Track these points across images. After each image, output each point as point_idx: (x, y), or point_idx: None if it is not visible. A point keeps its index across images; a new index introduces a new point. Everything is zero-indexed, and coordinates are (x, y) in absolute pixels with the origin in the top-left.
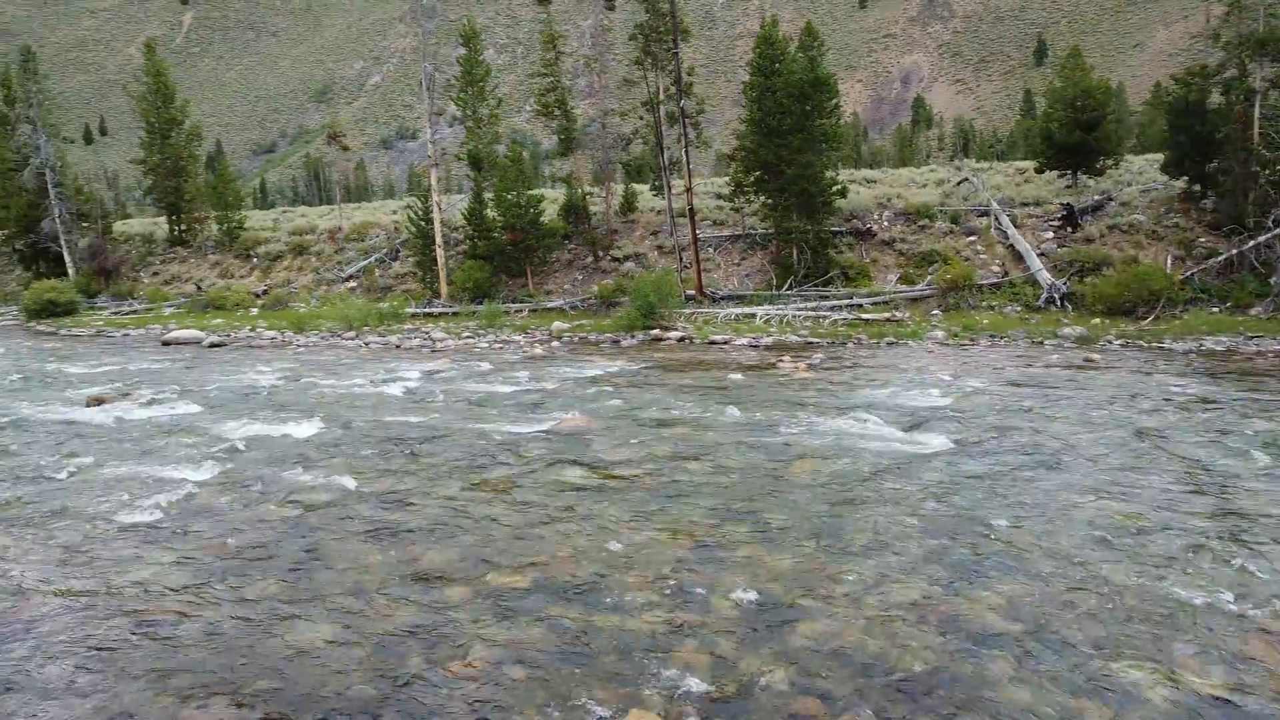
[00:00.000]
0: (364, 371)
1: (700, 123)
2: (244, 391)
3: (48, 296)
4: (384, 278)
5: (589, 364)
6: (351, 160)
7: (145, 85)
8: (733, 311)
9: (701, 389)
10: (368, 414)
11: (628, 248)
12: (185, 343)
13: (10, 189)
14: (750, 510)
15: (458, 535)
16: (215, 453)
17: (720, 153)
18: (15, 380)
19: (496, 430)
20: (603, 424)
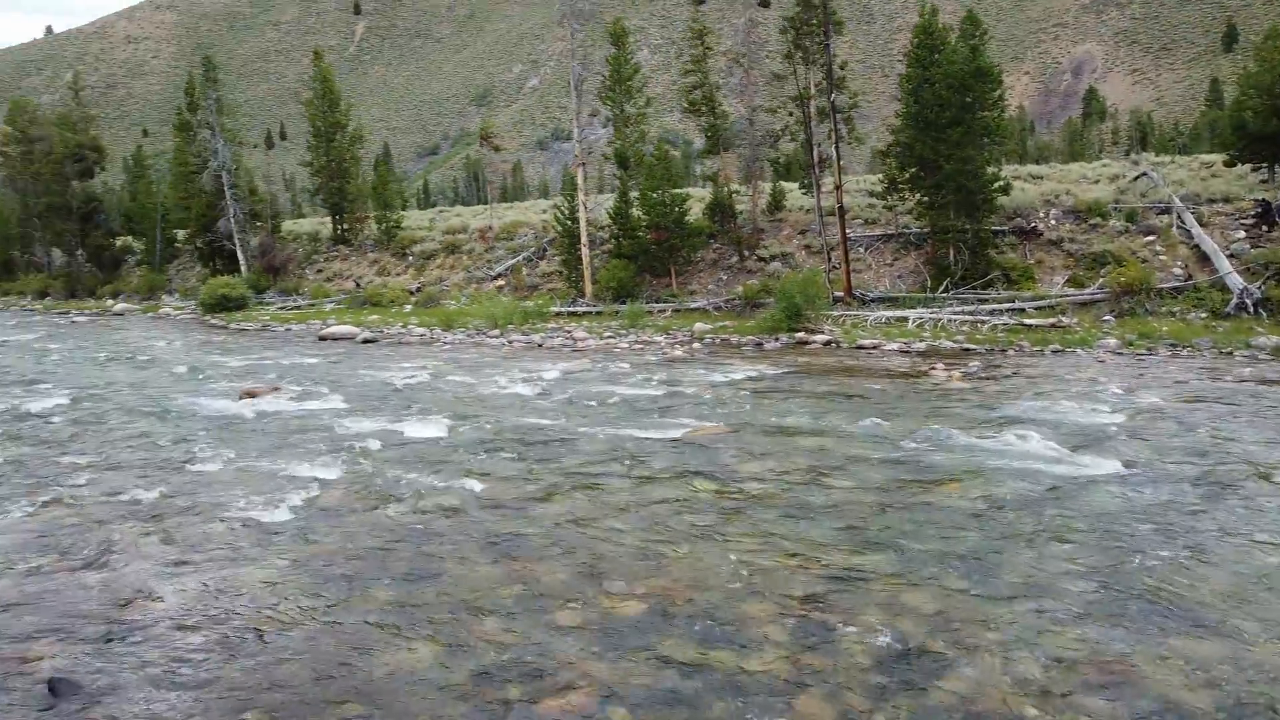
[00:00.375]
0: (503, 370)
1: (853, 118)
2: (387, 388)
3: (221, 292)
4: (531, 276)
5: (729, 367)
6: (508, 161)
7: (313, 91)
8: (883, 315)
9: (845, 397)
10: (500, 415)
11: (774, 247)
12: (340, 338)
13: (191, 190)
14: (889, 536)
15: (574, 551)
16: (348, 451)
17: (875, 149)
18: (182, 372)
19: (627, 435)
20: (736, 433)
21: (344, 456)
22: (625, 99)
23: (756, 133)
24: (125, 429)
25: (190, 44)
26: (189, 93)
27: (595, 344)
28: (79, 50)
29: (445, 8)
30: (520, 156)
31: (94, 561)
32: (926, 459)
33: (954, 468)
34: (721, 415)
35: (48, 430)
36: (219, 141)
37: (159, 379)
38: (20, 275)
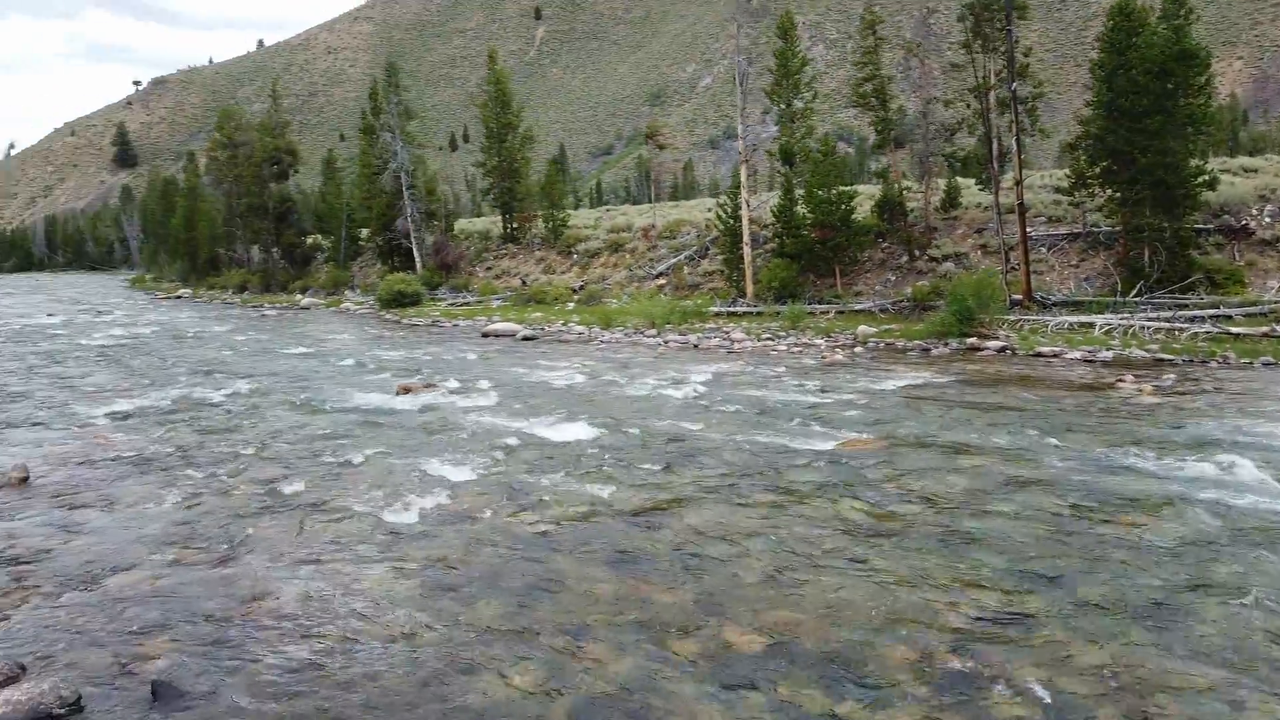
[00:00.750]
0: (655, 371)
1: (1037, 109)
2: (538, 387)
3: (397, 288)
4: (692, 275)
5: (891, 374)
6: (679, 160)
7: (487, 93)
8: (1065, 320)
9: (1016, 410)
10: (644, 418)
11: (947, 247)
12: (501, 335)
13: (373, 191)
14: (1056, 575)
15: (700, 572)
16: (487, 451)
17: (1063, 143)
18: (348, 365)
19: (772, 446)
20: (891, 448)
21: (482, 457)
22: (792, 94)
23: (931, 126)
24: (284, 420)
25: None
26: (373, 97)
27: (752, 346)
28: (285, 61)
29: (622, 9)
30: (691, 155)
31: (225, 557)
32: (1106, 485)
33: (1138, 497)
34: (877, 427)
35: (215, 418)
36: (399, 144)
37: (326, 371)
38: (225, 271)
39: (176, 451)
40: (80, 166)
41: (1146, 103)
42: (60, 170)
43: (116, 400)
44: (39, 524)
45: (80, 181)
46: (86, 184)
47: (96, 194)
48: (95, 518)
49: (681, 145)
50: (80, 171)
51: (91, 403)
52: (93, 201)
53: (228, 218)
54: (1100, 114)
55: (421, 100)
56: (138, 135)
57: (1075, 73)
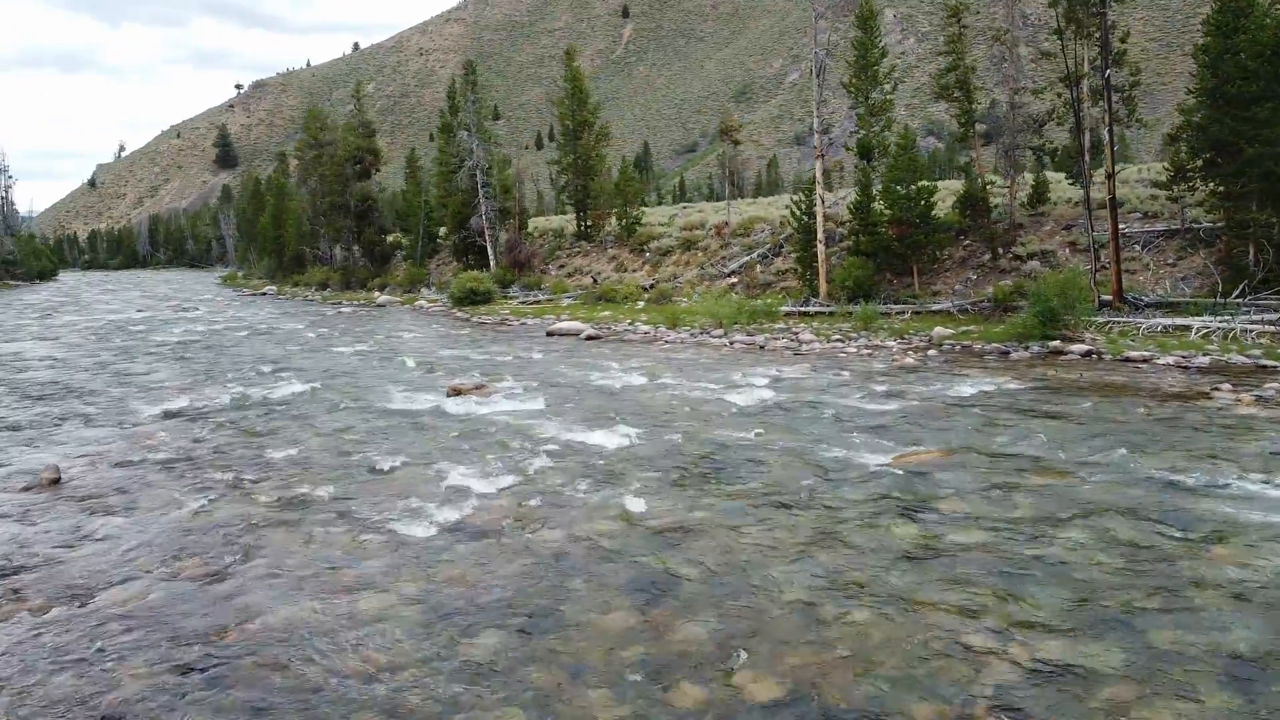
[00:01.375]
0: (716, 374)
1: (1135, 99)
2: (592, 389)
3: (469, 286)
4: (765, 274)
5: (964, 379)
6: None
7: (564, 90)
8: (1159, 322)
9: (1097, 422)
10: (696, 425)
11: (1033, 244)
12: (566, 334)
13: (450, 189)
14: (1126, 617)
15: (724, 603)
16: (524, 459)
17: (1165, 135)
18: (408, 365)
19: (824, 458)
20: (956, 462)
21: (517, 466)
22: (871, 86)
23: (1018, 117)
24: (327, 422)
25: (474, 53)
26: (451, 96)
27: (820, 348)
28: (378, 64)
29: (709, 6)
30: (777, 152)
31: (225, 572)
32: (1192, 511)
33: (1229, 527)
34: (942, 437)
35: (258, 418)
36: (475, 141)
37: (384, 371)
38: (310, 268)
39: (211, 454)
40: (184, 168)
41: (1255, 89)
42: (165, 171)
43: (172, 398)
44: (55, 530)
45: (184, 182)
46: (189, 184)
47: (199, 194)
48: (111, 524)
49: (766, 142)
50: (184, 172)
51: (147, 400)
52: (195, 201)
53: (312, 216)
54: (1204, 102)
55: (509, 100)
56: (238, 137)
57: (1181, 62)
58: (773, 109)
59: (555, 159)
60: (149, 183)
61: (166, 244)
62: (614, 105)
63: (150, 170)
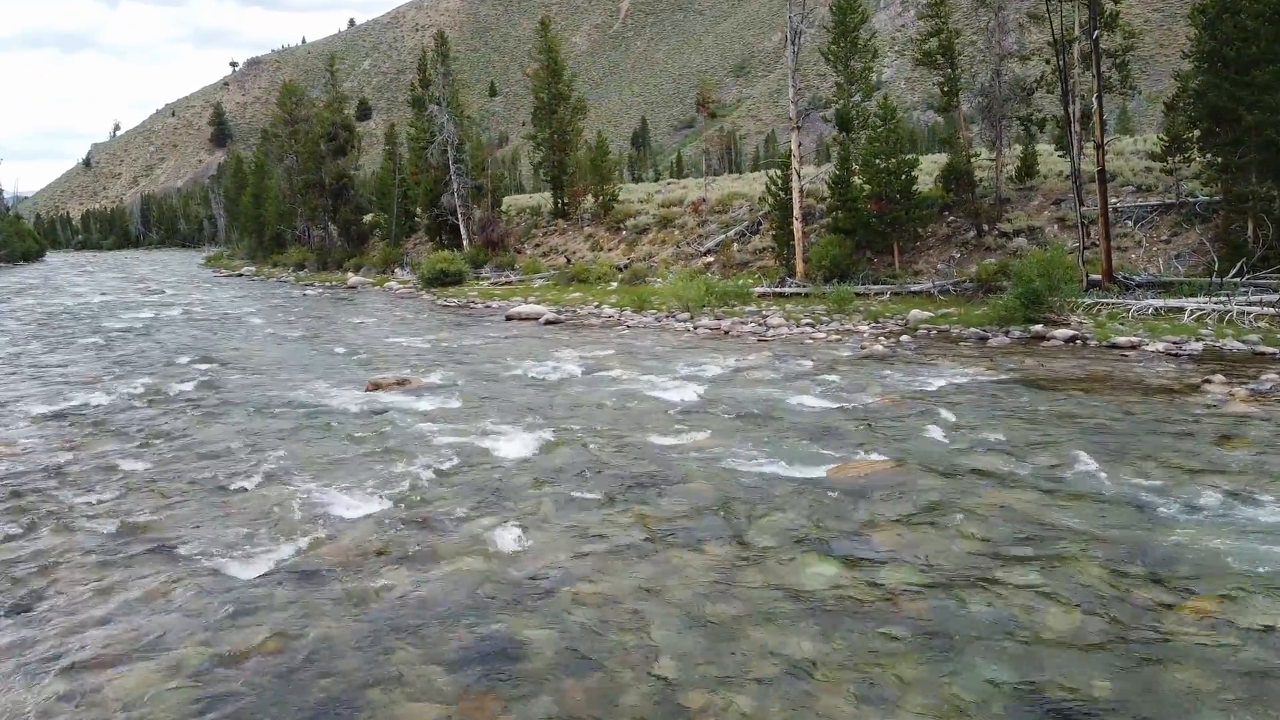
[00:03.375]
0: (668, 364)
1: (1129, 65)
2: (527, 383)
3: (440, 266)
4: (742, 253)
5: (933, 370)
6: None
7: (538, 62)
8: (1150, 304)
9: (1073, 421)
10: (623, 427)
11: (1021, 220)
12: (526, 318)
13: (422, 165)
14: (1085, 701)
15: (571, 684)
16: (414, 472)
17: (1164, 104)
18: (339, 353)
19: (754, 471)
20: (901, 476)
21: (400, 481)
22: (850, 52)
23: (1004, 85)
24: (217, 425)
25: (470, 29)
26: (422, 68)
27: (787, 333)
28: (374, 40)
29: None
30: (774, 128)
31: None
32: (1169, 544)
33: (1215, 564)
34: (892, 443)
35: (147, 419)
36: (445, 115)
37: (314, 362)
38: (290, 248)
39: (60, 466)
40: (179, 146)
41: (1256, 51)
42: (161, 150)
43: (69, 395)
44: None
45: (179, 161)
46: (185, 163)
47: (195, 173)
48: None
49: (765, 117)
50: (179, 151)
51: (41, 399)
52: (191, 180)
53: (288, 195)
54: (1200, 67)
55: (507, 75)
56: (233, 115)
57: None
58: (772, 84)
59: (528, 133)
60: (144, 162)
61: (159, 224)
62: (612, 81)
63: (145, 149)
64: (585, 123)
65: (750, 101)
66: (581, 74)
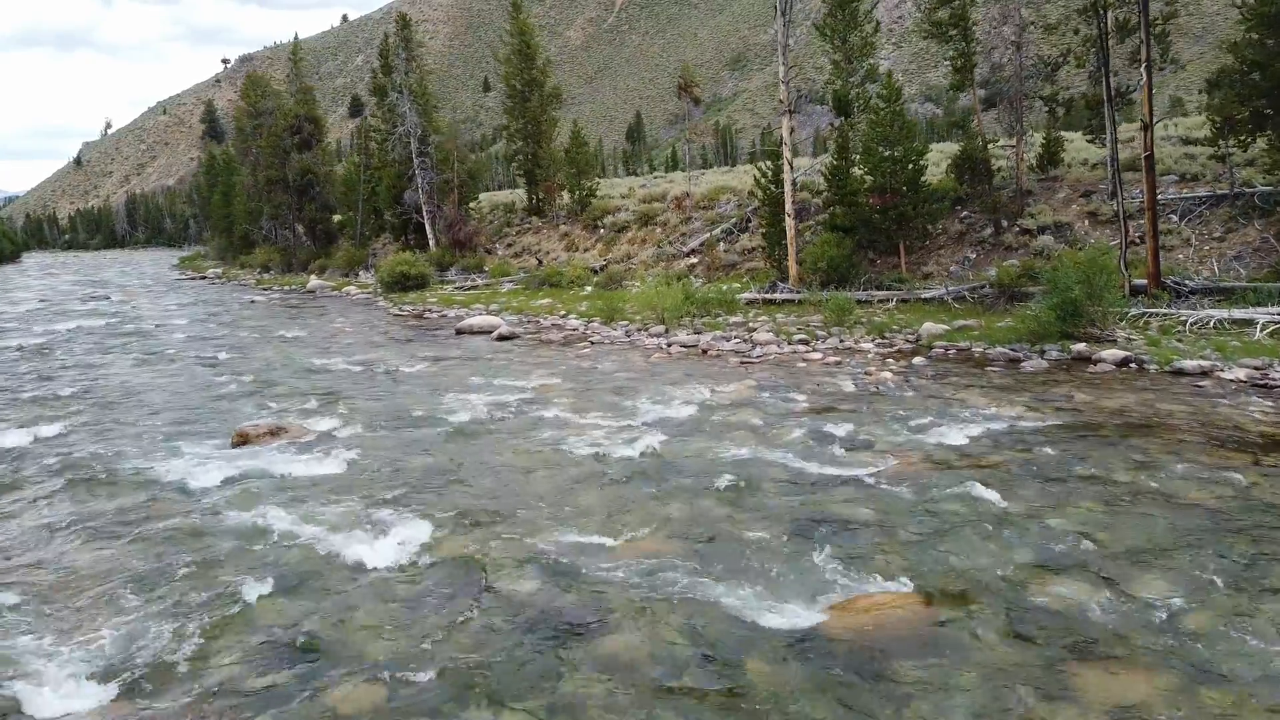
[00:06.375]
0: (627, 400)
1: (1168, 34)
2: (443, 429)
3: (400, 270)
4: (729, 253)
5: (960, 409)
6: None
7: (510, 46)
8: (1210, 315)
9: (1175, 505)
10: (540, 513)
11: (1044, 215)
12: (477, 332)
13: (384, 159)
14: None
15: None
16: (203, 620)
17: (1205, 80)
18: (241, 384)
19: (715, 610)
20: (937, 619)
21: (219, 591)
22: (848, 27)
23: (1026, 61)
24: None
25: (463, 24)
26: (384, 54)
27: (776, 353)
28: (367, 36)
29: None
30: (771, 121)
31: None
32: None
33: None
34: (916, 551)
35: None
36: (408, 104)
37: (196, 397)
38: (258, 249)
39: None
40: (171, 144)
41: None
42: (152, 148)
43: None
44: None
45: (171, 159)
46: (176, 161)
47: (186, 171)
48: None
49: (762, 110)
50: (171, 149)
51: None
52: (183, 179)
53: (252, 193)
54: (1257, 34)
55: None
56: (225, 112)
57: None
58: (768, 77)
59: (499, 124)
60: (135, 160)
61: (145, 223)
62: (606, 76)
63: (137, 148)
64: (577, 115)
65: (746, 95)
66: (575, 68)
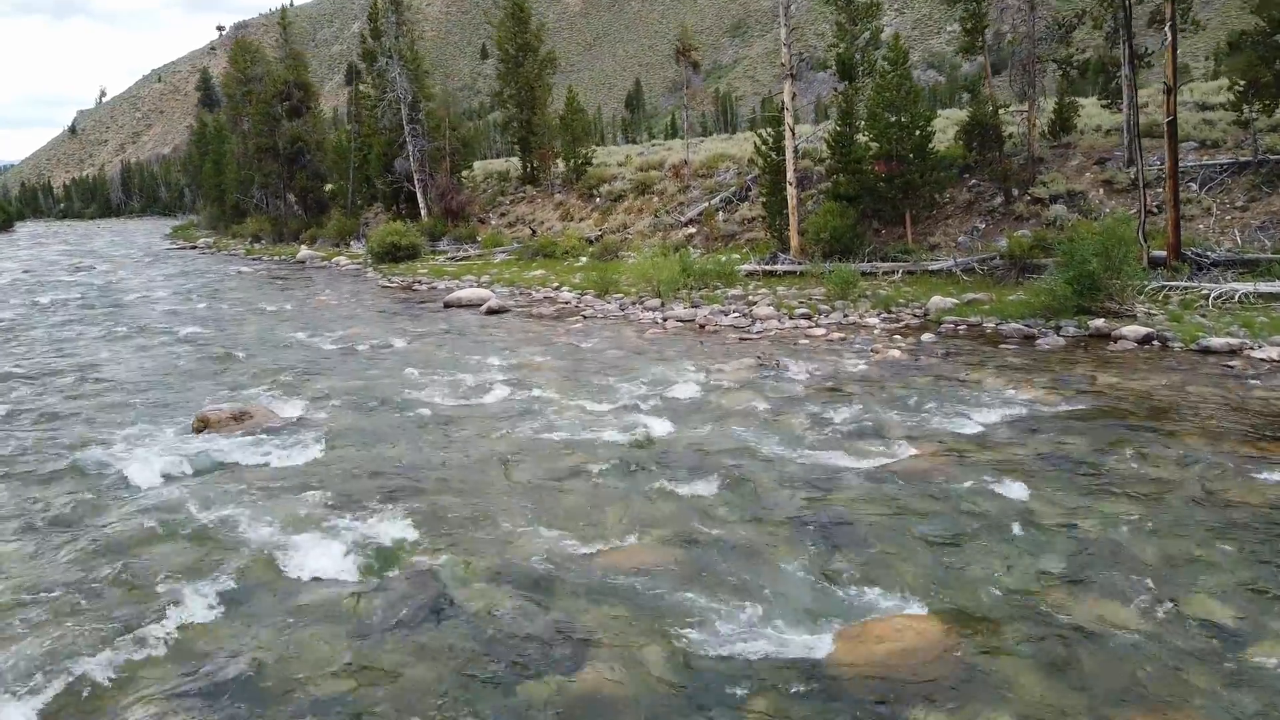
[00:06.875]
0: (619, 380)
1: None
2: (419, 413)
3: (390, 240)
4: (728, 223)
5: (975, 391)
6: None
7: (503, 9)
8: (1234, 288)
9: (1219, 505)
10: (518, 513)
11: (1057, 184)
12: (466, 305)
13: (374, 127)
14: None
15: None
16: (170, 592)
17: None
18: (212, 361)
19: (706, 637)
20: (961, 650)
21: (78, 650)
22: None
23: (1039, 22)
24: None
25: None
26: (372, 17)
27: (777, 329)
28: (365, 2)
29: None
30: (772, 89)
31: None
32: None
33: None
34: (934, 558)
35: None
36: (397, 69)
37: (163, 377)
38: (249, 218)
39: None
40: (166, 113)
41: None
42: (148, 117)
43: None
44: None
45: (166, 127)
46: (172, 130)
47: (181, 140)
48: None
49: (763, 78)
50: (166, 118)
51: None
52: (178, 148)
53: (242, 161)
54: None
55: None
56: (220, 80)
57: None
58: (768, 43)
59: (493, 90)
60: (130, 129)
61: (140, 192)
62: (605, 42)
63: (132, 116)
64: (576, 82)
65: (747, 62)
66: (574, 35)
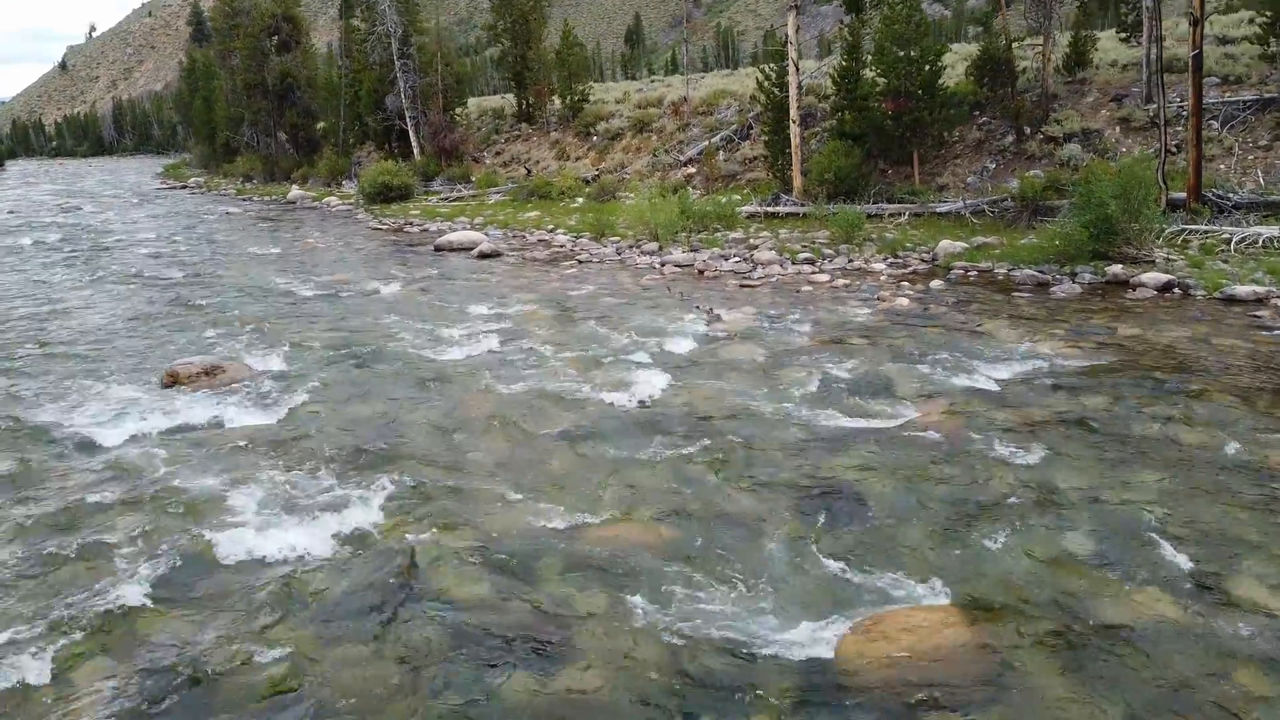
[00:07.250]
0: (613, 330)
1: None
2: (403, 367)
3: (382, 180)
4: (729, 163)
5: (988, 343)
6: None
7: None
8: (1258, 232)
9: (1246, 471)
10: (502, 481)
11: (1071, 122)
12: (457, 249)
13: (364, 62)
14: None
15: None
16: (122, 572)
17: None
18: (192, 309)
19: (707, 627)
20: (990, 648)
21: (19, 638)
22: None
23: None
24: None
25: None
26: None
27: (779, 274)
28: None
29: None
30: (774, 23)
31: None
32: None
33: None
34: (953, 537)
35: None
36: (386, 1)
37: (137, 326)
38: (240, 157)
39: None
40: (157, 48)
41: None
42: (139, 52)
43: None
44: None
45: (158, 63)
46: (164, 65)
47: (173, 76)
48: None
49: (765, 12)
50: (157, 53)
51: None
52: (170, 84)
53: (232, 98)
54: None
55: None
56: (212, 13)
57: None
58: None
59: (490, 24)
60: (122, 65)
61: (133, 130)
62: None
63: (123, 52)
64: (573, 16)
65: None
66: None
